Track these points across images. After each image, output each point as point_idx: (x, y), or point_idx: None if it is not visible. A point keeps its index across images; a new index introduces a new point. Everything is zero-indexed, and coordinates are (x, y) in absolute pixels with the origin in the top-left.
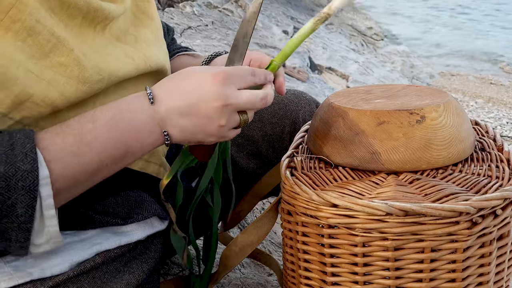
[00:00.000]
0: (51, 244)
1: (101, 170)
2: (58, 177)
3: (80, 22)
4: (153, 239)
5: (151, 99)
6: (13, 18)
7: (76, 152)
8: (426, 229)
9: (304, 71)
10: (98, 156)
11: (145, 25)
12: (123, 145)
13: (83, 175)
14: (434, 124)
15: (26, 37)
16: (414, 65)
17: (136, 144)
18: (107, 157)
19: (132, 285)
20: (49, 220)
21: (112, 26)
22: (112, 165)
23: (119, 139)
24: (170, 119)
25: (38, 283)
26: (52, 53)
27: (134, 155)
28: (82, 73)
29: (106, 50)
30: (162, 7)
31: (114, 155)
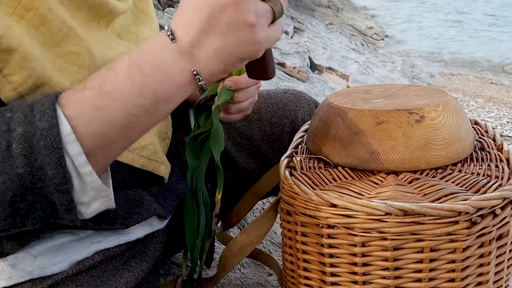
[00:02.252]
0: (100, 201)
1: (134, 123)
2: (84, 134)
3: (85, 15)
4: (153, 238)
5: (170, 35)
6: (27, 7)
7: (99, 106)
8: (425, 228)
9: (304, 71)
10: (124, 107)
11: (145, 24)
12: (151, 92)
13: (113, 130)
14: (434, 123)
15: (39, 25)
16: (415, 64)
17: (167, 87)
18: (136, 108)
19: (131, 283)
20: (88, 177)
21: (114, 23)
22: (147, 116)
23: (144, 86)
24: (198, 47)
25: (37, 281)
26: (64, 41)
27: (171, 101)
28: (93, 62)
29: (110, 45)
30: (162, 7)
31: (143, 104)
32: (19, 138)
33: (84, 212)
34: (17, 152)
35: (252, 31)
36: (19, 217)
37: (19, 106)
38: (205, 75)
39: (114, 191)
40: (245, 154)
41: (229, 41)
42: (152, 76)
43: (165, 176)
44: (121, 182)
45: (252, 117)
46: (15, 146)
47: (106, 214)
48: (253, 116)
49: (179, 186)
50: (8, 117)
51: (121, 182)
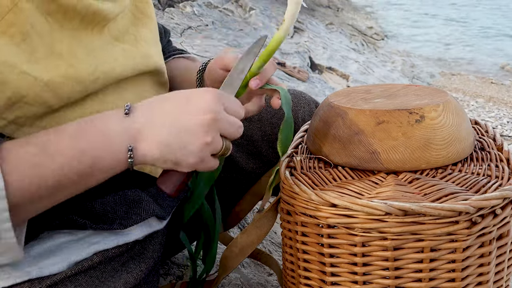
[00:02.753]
0: (8, 257)
1: (65, 186)
2: (15, 189)
3: (77, 24)
4: (151, 239)
5: (126, 109)
6: (9, 22)
7: (37, 163)
8: (426, 228)
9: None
10: (60, 169)
11: (145, 25)
12: (89, 159)
13: (43, 189)
14: (434, 123)
15: (20, 42)
16: (415, 64)
17: (105, 157)
18: (71, 171)
19: (130, 284)
20: (4, 233)
21: (111, 26)
22: (79, 180)
23: (84, 152)
24: (148, 129)
25: (36, 282)
26: (47, 56)
27: (105, 172)
28: (77, 74)
29: (104, 50)
30: (162, 7)
31: (79, 169)
32: None
33: None
34: None
35: (202, 149)
36: None
37: None
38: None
39: (113, 191)
40: (245, 154)
41: (178, 143)
42: (93, 143)
43: None
44: (120, 183)
45: (252, 118)
46: None
47: (104, 214)
48: (253, 117)
49: None
50: None
51: (120, 183)
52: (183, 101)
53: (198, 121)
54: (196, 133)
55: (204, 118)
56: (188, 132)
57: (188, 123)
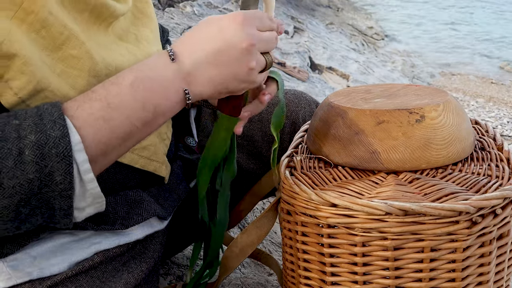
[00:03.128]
0: (94, 207)
1: (133, 134)
2: (91, 143)
3: (87, 18)
4: (152, 239)
5: (171, 55)
6: (27, 10)
7: (105, 117)
8: (426, 228)
9: (304, 71)
10: (128, 119)
11: (145, 25)
12: (151, 106)
13: (115, 139)
14: (434, 123)
15: (39, 29)
16: (415, 64)
17: (164, 103)
18: (137, 120)
19: (131, 284)
20: (89, 184)
21: (115, 25)
22: (144, 127)
23: (145, 100)
24: (197, 71)
25: (36, 282)
26: (64, 45)
27: (165, 115)
28: (94, 66)
29: (112, 47)
30: (162, 7)
31: (144, 116)
32: (32, 145)
33: (77, 217)
34: (29, 159)
35: (249, 73)
36: (18, 221)
37: (25, 113)
38: (194, 96)
39: (114, 191)
40: (245, 154)
41: (227, 75)
42: (152, 92)
43: (166, 177)
44: (121, 183)
45: (252, 118)
46: (28, 153)
47: (106, 214)
48: (254, 117)
49: (180, 186)
50: (15, 124)
51: (121, 183)
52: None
53: (238, 51)
54: (240, 62)
55: (242, 48)
56: (233, 64)
57: (230, 55)
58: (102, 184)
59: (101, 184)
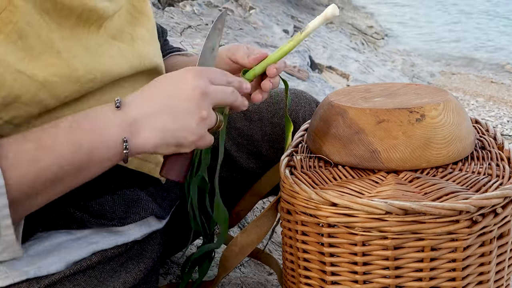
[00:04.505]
0: (8, 254)
1: (63, 178)
2: (14, 185)
3: (74, 22)
4: (150, 239)
5: (117, 103)
6: (5, 21)
7: (34, 158)
8: (426, 227)
9: (304, 70)
10: (57, 161)
11: (142, 24)
12: (85, 150)
13: (42, 183)
14: (434, 122)
15: (17, 40)
16: (415, 63)
17: (101, 146)
18: (68, 164)
19: (129, 284)
20: (4, 230)
21: (108, 24)
22: (77, 173)
23: (81, 144)
24: (145, 119)
25: (34, 281)
26: (43, 55)
27: (100, 164)
28: (74, 73)
29: (101, 49)
30: (162, 6)
31: (76, 161)
32: None
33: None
34: None
35: (200, 124)
36: None
37: None
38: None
39: (110, 190)
40: (245, 154)
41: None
42: (90, 132)
43: (161, 178)
44: (118, 182)
45: (253, 117)
46: None
47: (103, 213)
48: (254, 116)
49: (178, 186)
50: None
51: (118, 182)
52: (169, 85)
53: (189, 100)
54: (191, 111)
55: (193, 95)
56: (183, 112)
57: (180, 104)
58: (98, 184)
59: (98, 182)
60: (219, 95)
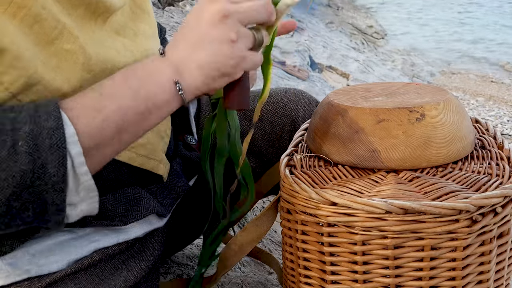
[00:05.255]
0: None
1: (127, 126)
2: (84, 135)
3: (82, 13)
4: (152, 237)
5: (161, 51)
6: (19, 5)
7: (97, 107)
8: (426, 227)
9: (304, 70)
10: (120, 109)
11: (143, 20)
12: (143, 95)
13: (108, 130)
14: (434, 122)
15: (32, 24)
16: (415, 63)
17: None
18: (130, 109)
19: (130, 282)
20: (83, 176)
21: (111, 20)
22: (138, 120)
23: (137, 89)
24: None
25: (35, 280)
26: (58, 39)
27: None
28: (87, 61)
29: (107, 42)
30: (162, 6)
31: (136, 107)
32: (25, 136)
33: (69, 214)
34: (22, 150)
35: (233, 47)
36: (9, 217)
37: (22, 107)
38: (188, 88)
39: (112, 189)
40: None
41: (211, 55)
42: (144, 80)
43: (164, 175)
44: (119, 180)
45: (252, 117)
46: (21, 144)
47: (104, 212)
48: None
49: (179, 184)
50: (11, 117)
51: (119, 180)
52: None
53: (211, 27)
54: (217, 37)
55: (214, 21)
56: (212, 42)
57: (205, 34)
58: (100, 182)
59: (99, 181)
60: (247, 14)
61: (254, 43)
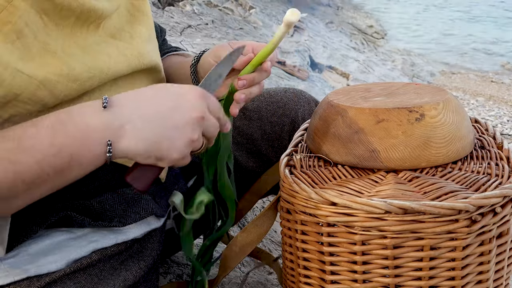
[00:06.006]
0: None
1: (43, 181)
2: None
3: (73, 23)
4: (150, 237)
5: (105, 103)
6: (4, 21)
7: (13, 159)
8: (425, 227)
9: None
10: (38, 164)
11: (140, 22)
12: (67, 154)
13: (20, 184)
14: (434, 122)
15: (15, 40)
16: (415, 63)
17: (84, 153)
18: (48, 166)
19: (129, 281)
20: None
21: (106, 24)
22: (56, 176)
23: (62, 146)
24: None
25: (34, 279)
26: (39, 54)
27: (82, 167)
28: (72, 72)
29: (99, 48)
30: (162, 6)
31: (57, 164)
32: None
33: None
34: None
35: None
36: None
37: None
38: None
39: (110, 189)
40: (245, 153)
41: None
42: (72, 138)
43: (162, 177)
44: (118, 181)
45: (252, 116)
46: None
47: (103, 212)
48: (253, 115)
49: (177, 185)
50: None
51: (118, 181)
52: (171, 96)
53: (188, 119)
54: (185, 130)
55: (194, 117)
56: (177, 129)
57: (177, 120)
58: (96, 182)
59: (96, 181)
60: (211, 127)
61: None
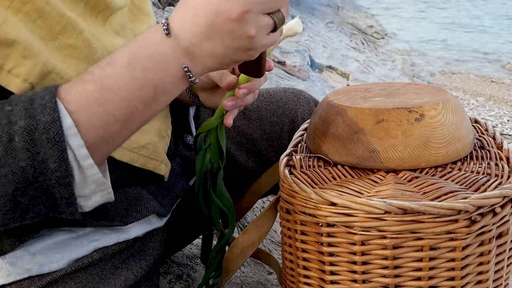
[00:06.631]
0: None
1: (134, 116)
2: (86, 127)
3: (82, 9)
4: (152, 236)
5: (165, 30)
6: (23, 0)
7: (99, 100)
8: (425, 227)
9: (304, 70)
10: (125, 100)
11: (142, 21)
12: (150, 84)
13: (113, 123)
14: (433, 122)
15: (36, 19)
16: (415, 63)
17: (165, 80)
18: (136, 101)
19: (130, 281)
20: (89, 170)
21: (111, 20)
22: (145, 108)
23: (143, 79)
24: (195, 46)
25: (36, 279)
26: (61, 34)
27: (168, 93)
28: (92, 55)
29: (108, 40)
30: (162, 6)
31: (143, 96)
32: (21, 131)
33: (84, 205)
34: (19, 146)
35: (250, 41)
36: (20, 212)
37: (18, 99)
38: (197, 72)
39: (113, 189)
40: (244, 153)
41: (227, 47)
42: (151, 70)
43: (165, 175)
44: (120, 180)
45: (251, 116)
46: (18, 140)
47: (105, 211)
48: (253, 115)
49: (179, 184)
50: (7, 110)
51: (120, 180)
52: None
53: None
54: (236, 33)
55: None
56: (228, 36)
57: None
58: None
59: None
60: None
61: (275, 27)
